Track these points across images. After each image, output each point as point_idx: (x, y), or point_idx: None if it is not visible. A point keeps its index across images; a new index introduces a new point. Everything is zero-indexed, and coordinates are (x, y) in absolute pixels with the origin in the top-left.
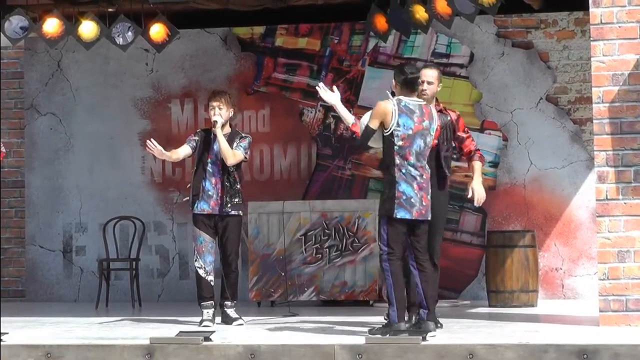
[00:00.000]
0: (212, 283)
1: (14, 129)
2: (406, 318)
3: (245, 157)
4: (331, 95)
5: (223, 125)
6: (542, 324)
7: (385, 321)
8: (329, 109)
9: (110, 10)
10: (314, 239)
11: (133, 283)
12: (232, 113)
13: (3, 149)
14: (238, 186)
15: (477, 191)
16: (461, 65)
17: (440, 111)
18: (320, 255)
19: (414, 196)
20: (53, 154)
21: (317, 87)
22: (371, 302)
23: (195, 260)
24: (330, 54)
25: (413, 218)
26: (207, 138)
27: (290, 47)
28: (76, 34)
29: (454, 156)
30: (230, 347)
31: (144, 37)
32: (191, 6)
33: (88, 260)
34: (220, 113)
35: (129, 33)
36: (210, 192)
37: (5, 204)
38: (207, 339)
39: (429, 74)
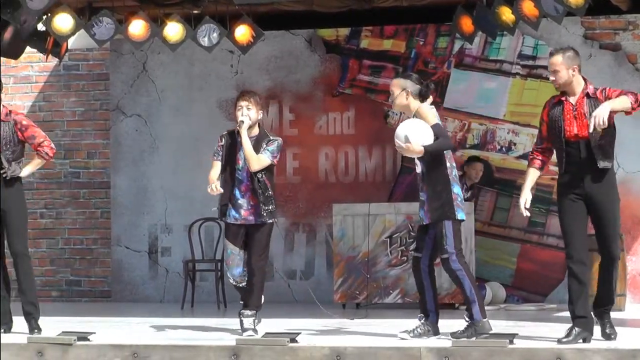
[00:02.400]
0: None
1: (99, 130)
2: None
3: (273, 162)
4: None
5: (251, 127)
6: (630, 328)
7: (467, 322)
8: None
9: (195, 12)
10: (399, 241)
11: (218, 284)
12: (261, 115)
13: (52, 145)
14: (269, 192)
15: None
16: (547, 68)
17: None
18: (405, 258)
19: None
20: (138, 155)
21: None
22: (456, 305)
23: (227, 270)
24: (416, 55)
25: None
26: (234, 141)
27: (376, 48)
28: (162, 35)
29: None
30: (316, 349)
31: (229, 38)
32: (276, 8)
33: (173, 261)
34: (249, 114)
35: (214, 35)
36: (240, 201)
37: (91, 205)
38: (293, 340)
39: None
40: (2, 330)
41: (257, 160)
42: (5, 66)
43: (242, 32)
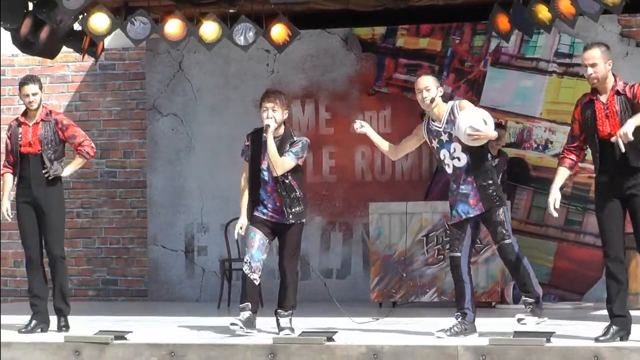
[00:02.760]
0: (255, 282)
1: (136, 130)
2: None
3: (297, 163)
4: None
5: (277, 128)
6: None
7: (532, 303)
8: None
9: (231, 11)
10: (435, 240)
11: None
12: (287, 115)
13: (93, 144)
14: (297, 193)
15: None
16: (582, 63)
17: None
18: (442, 257)
19: None
20: (174, 154)
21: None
22: (493, 303)
23: (245, 256)
24: (452, 54)
25: None
26: (259, 141)
27: (412, 47)
28: (198, 34)
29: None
30: (353, 348)
31: (265, 37)
32: (312, 7)
33: (210, 260)
34: (274, 115)
35: (250, 34)
36: (266, 202)
37: (128, 205)
38: (330, 339)
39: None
40: (40, 330)
41: (281, 164)
42: (42, 66)
43: (278, 31)
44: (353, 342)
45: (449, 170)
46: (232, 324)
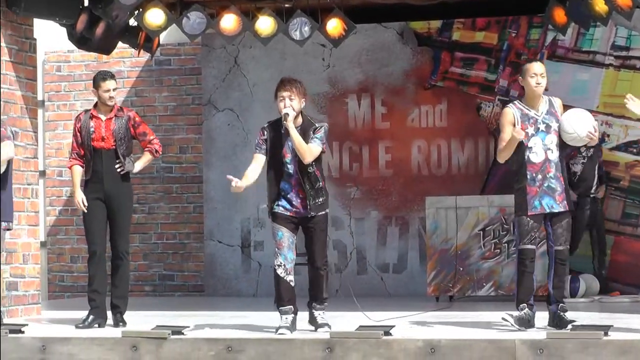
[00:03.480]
0: (292, 284)
1: (192, 125)
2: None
3: (323, 150)
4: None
5: (295, 117)
6: None
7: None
8: (507, 103)
9: (286, 5)
10: (492, 234)
11: None
12: (304, 103)
13: (160, 143)
14: (320, 183)
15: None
16: None
17: None
18: (498, 250)
19: None
20: (230, 149)
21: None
22: None
23: (275, 258)
24: (508, 47)
25: None
26: (278, 133)
27: (468, 41)
28: (253, 29)
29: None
30: (411, 342)
31: (320, 32)
32: (368, 0)
33: (266, 255)
34: (292, 104)
35: (306, 28)
36: (289, 195)
37: (184, 200)
38: (387, 333)
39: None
40: (97, 325)
41: (309, 151)
42: (97, 62)
43: (334, 26)
44: (410, 336)
45: (536, 160)
46: (280, 333)
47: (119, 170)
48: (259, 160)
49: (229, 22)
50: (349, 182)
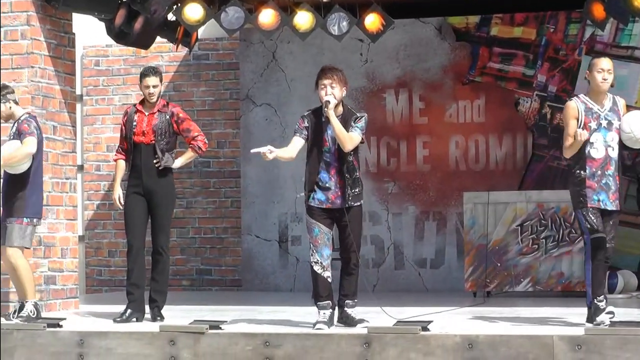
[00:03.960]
0: (329, 280)
1: (229, 120)
2: None
3: (363, 140)
4: None
5: (336, 106)
6: None
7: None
8: (545, 98)
9: (325, 0)
10: (530, 230)
11: None
12: (345, 92)
13: (206, 140)
14: (357, 174)
15: None
16: None
17: None
18: (536, 246)
19: None
20: (268, 144)
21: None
22: None
23: (311, 255)
24: (546, 43)
25: None
26: (318, 121)
27: (506, 36)
28: (291, 24)
29: None
30: (448, 337)
31: (358, 27)
32: None
33: (303, 250)
34: (333, 92)
35: (344, 23)
36: (327, 184)
37: (222, 195)
38: (425, 328)
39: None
40: (135, 319)
41: (350, 139)
42: (136, 56)
43: (372, 21)
44: (448, 331)
45: (597, 155)
46: (318, 327)
47: (156, 165)
48: (296, 143)
49: (267, 16)
50: (387, 177)
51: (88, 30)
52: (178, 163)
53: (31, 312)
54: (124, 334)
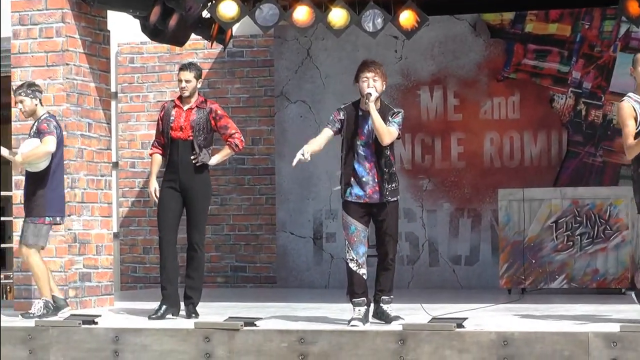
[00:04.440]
0: (364, 277)
1: (264, 117)
2: None
3: (399, 135)
4: None
5: (375, 100)
6: None
7: None
8: (580, 95)
9: None
10: (565, 227)
11: None
12: (385, 86)
13: (242, 138)
14: (393, 168)
15: None
16: None
17: None
18: (571, 243)
19: None
20: (303, 141)
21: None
22: (623, 290)
23: (347, 252)
24: (581, 39)
25: None
26: (356, 115)
27: (541, 33)
28: (326, 21)
29: None
30: (483, 334)
31: (393, 24)
32: None
33: (338, 247)
34: (375, 85)
35: (379, 20)
36: (364, 179)
37: (256, 191)
38: (460, 325)
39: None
40: (170, 315)
41: (389, 133)
42: (170, 53)
43: (407, 17)
44: (483, 328)
45: None
46: (353, 324)
47: (193, 161)
48: (325, 133)
49: (302, 13)
50: (421, 174)
51: (123, 27)
52: (215, 160)
53: (43, 308)
54: (159, 330)
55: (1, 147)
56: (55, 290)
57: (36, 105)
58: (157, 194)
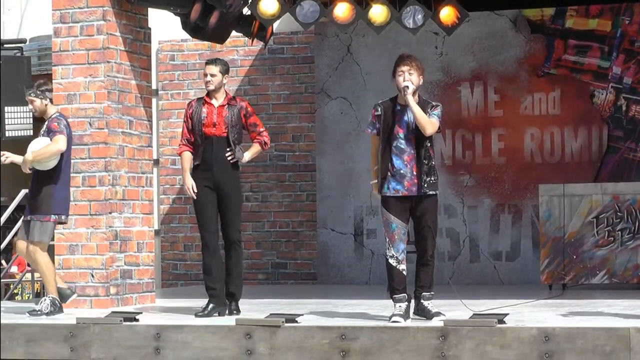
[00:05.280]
0: (404, 273)
1: (305, 114)
2: None
3: (439, 128)
4: None
5: (412, 93)
6: None
7: None
8: (620, 90)
9: None
10: (605, 222)
11: None
12: (422, 80)
13: (267, 139)
14: (433, 162)
15: None
16: None
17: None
18: (612, 238)
19: None
20: (343, 137)
21: None
22: None
23: (387, 249)
24: (622, 35)
25: None
26: (393, 109)
27: (581, 28)
28: (366, 17)
29: None
30: (524, 330)
31: (433, 20)
32: None
33: (379, 243)
34: (411, 79)
35: (419, 16)
36: (402, 171)
37: (297, 188)
38: (501, 321)
39: None
40: (217, 314)
41: (431, 123)
42: (211, 51)
43: (447, 13)
44: (524, 324)
45: None
46: (394, 320)
47: (229, 158)
48: (375, 142)
49: (342, 10)
50: (462, 170)
51: (163, 25)
52: (247, 157)
53: (50, 306)
54: (200, 327)
55: (13, 155)
56: (60, 282)
57: (46, 105)
58: (195, 189)
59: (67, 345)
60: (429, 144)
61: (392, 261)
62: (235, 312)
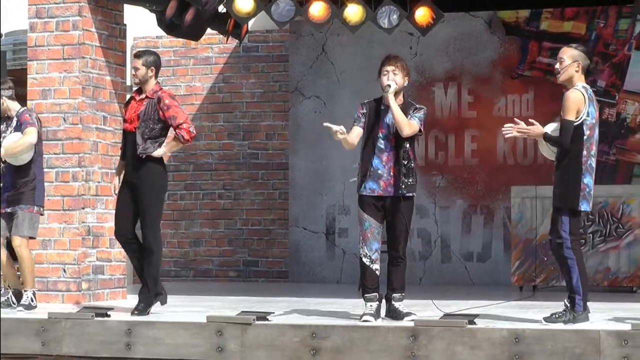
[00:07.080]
0: (377, 272)
1: (278, 112)
2: None
3: (421, 130)
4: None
5: (396, 95)
6: None
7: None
8: (593, 93)
9: None
10: None
11: None
12: (407, 82)
13: (192, 129)
14: (412, 163)
15: None
16: None
17: None
18: (583, 241)
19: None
20: (317, 136)
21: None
22: (635, 288)
23: (360, 248)
24: (596, 37)
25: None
26: (377, 109)
27: (556, 30)
28: (342, 17)
29: None
30: (495, 331)
31: (408, 20)
32: None
33: (351, 242)
34: (395, 79)
35: (394, 16)
36: (380, 171)
37: (270, 186)
38: (471, 322)
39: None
40: (159, 303)
41: (409, 124)
42: (186, 48)
43: (422, 14)
44: (495, 325)
45: None
46: (365, 320)
47: (138, 153)
48: (356, 131)
49: (318, 9)
50: (435, 171)
51: (139, 21)
52: (159, 152)
53: (31, 300)
54: (172, 324)
55: None
56: (18, 283)
57: (4, 103)
58: (115, 191)
59: (38, 340)
60: (408, 146)
61: (365, 260)
62: (137, 314)
